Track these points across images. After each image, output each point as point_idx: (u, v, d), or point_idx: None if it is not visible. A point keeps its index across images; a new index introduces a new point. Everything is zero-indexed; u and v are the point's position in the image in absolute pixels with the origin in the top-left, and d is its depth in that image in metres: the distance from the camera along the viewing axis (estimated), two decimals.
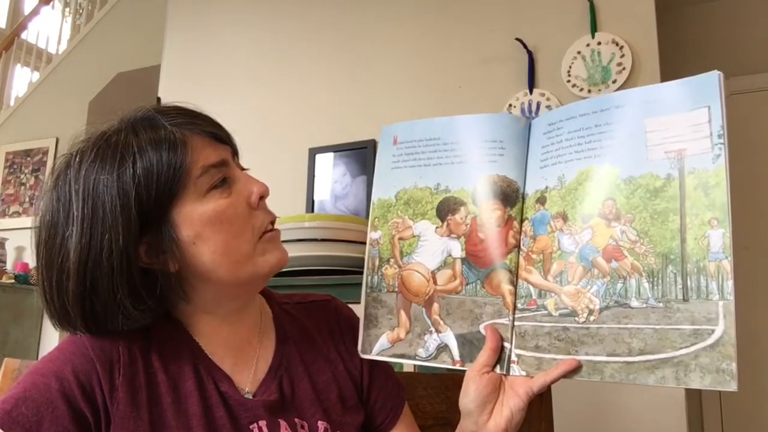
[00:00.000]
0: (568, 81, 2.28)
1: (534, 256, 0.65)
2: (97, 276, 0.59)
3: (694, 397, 2.70)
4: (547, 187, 0.65)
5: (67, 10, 5.13)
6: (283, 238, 1.39)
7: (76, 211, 0.60)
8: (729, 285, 0.55)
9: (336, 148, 2.62)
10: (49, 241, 0.62)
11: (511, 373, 0.65)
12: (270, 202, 0.71)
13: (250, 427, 0.64)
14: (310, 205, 2.62)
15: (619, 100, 0.63)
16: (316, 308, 0.80)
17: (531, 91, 2.35)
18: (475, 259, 0.68)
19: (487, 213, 0.67)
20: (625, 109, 0.62)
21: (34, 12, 5.01)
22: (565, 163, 0.64)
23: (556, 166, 0.65)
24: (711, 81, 0.58)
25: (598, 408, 2.03)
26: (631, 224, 0.60)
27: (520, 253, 0.66)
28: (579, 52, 2.28)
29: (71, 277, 0.59)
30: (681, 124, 0.59)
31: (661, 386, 0.57)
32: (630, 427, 1.99)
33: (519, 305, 0.65)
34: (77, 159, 0.62)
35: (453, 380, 0.68)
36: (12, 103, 4.82)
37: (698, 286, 0.56)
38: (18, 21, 5.57)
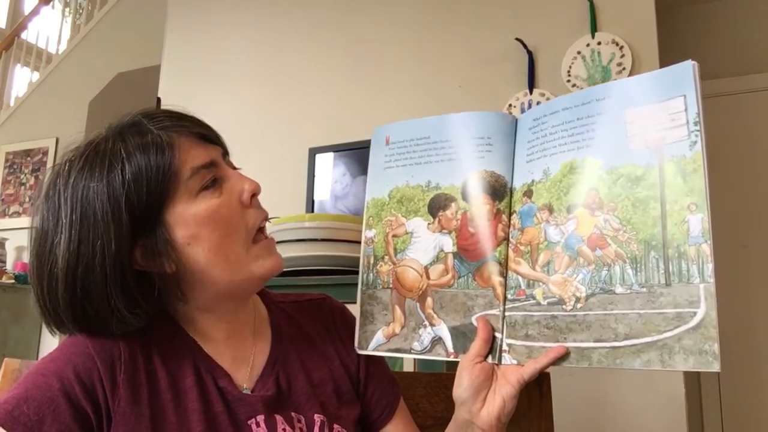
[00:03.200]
0: (568, 81, 2.28)
1: (522, 247, 0.67)
2: (91, 282, 0.60)
3: (694, 394, 2.70)
4: (533, 181, 0.67)
5: (67, 10, 5.14)
6: (283, 238, 1.40)
7: (65, 218, 0.61)
8: (709, 268, 0.56)
9: (336, 148, 2.62)
10: (39, 249, 0.63)
11: (502, 363, 0.66)
12: (270, 203, 0.71)
13: (248, 422, 0.65)
14: (310, 205, 2.62)
15: (599, 93, 0.64)
16: (311, 306, 0.81)
17: (531, 92, 2.35)
18: (466, 253, 0.69)
19: (476, 208, 0.69)
20: (605, 101, 0.64)
21: (34, 12, 5.01)
22: (549, 156, 0.66)
23: (541, 160, 0.67)
24: (686, 70, 0.59)
25: (598, 406, 2.03)
26: (613, 213, 0.61)
27: (509, 245, 0.68)
28: (579, 52, 2.28)
29: (60, 283, 0.60)
30: (659, 113, 0.60)
31: (647, 369, 0.58)
32: (630, 425, 1.99)
33: (509, 296, 0.67)
34: (66, 168, 0.64)
35: (452, 380, 0.68)
36: (12, 103, 4.83)
37: (680, 270, 0.57)
38: (18, 21, 5.57)
